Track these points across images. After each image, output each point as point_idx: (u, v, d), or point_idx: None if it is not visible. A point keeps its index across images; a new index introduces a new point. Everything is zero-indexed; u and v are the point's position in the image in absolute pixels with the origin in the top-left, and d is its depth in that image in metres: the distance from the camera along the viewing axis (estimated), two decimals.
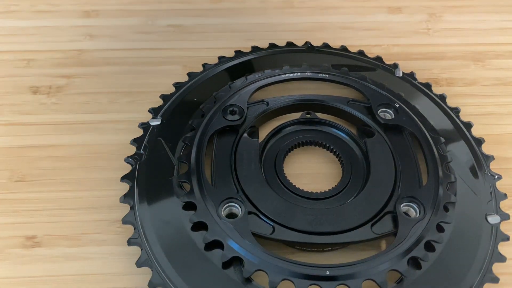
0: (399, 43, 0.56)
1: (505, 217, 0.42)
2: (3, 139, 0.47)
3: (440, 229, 0.39)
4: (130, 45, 0.55)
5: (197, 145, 0.43)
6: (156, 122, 0.46)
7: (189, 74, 0.51)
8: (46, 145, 0.47)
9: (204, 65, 0.51)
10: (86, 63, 0.53)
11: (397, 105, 0.47)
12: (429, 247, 0.39)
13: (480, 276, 0.38)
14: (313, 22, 0.55)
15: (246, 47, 0.53)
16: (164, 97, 0.48)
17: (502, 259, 0.39)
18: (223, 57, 0.52)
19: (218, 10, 0.58)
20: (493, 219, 0.41)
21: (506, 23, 0.58)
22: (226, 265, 0.37)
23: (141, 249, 0.38)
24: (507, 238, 0.41)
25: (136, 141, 0.45)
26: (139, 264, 0.37)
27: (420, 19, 0.59)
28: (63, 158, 0.46)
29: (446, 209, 0.41)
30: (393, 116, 0.46)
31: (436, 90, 0.50)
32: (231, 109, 0.46)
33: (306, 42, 0.54)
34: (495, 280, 0.38)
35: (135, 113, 0.49)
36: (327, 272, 0.36)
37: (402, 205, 0.40)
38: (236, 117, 0.45)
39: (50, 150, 0.47)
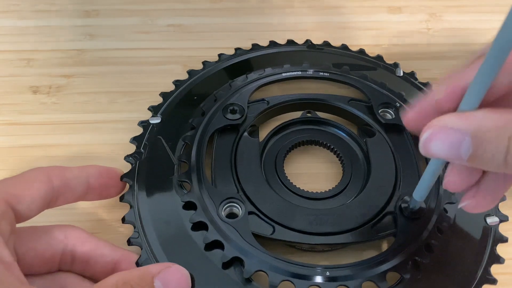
0: (399, 43, 0.56)
1: (504, 218, 0.42)
2: (3, 139, 0.47)
3: (440, 230, 0.39)
4: (130, 45, 0.55)
5: (197, 144, 0.43)
6: (156, 120, 0.46)
7: (189, 72, 0.50)
8: (46, 145, 0.47)
9: (204, 63, 0.51)
10: (86, 63, 0.53)
11: (398, 105, 0.47)
12: (429, 248, 0.38)
13: (479, 277, 0.38)
14: (313, 22, 0.55)
15: (246, 46, 0.53)
16: (164, 95, 0.48)
17: (500, 260, 0.39)
18: (223, 54, 0.52)
19: (218, 10, 0.58)
20: (492, 220, 0.41)
21: None
22: (226, 265, 0.37)
23: (141, 249, 0.38)
24: (506, 240, 0.41)
25: (136, 140, 0.45)
26: (139, 263, 0.37)
27: (420, 19, 0.59)
28: (63, 158, 0.46)
29: (446, 210, 0.41)
30: (394, 116, 0.46)
31: None
32: (231, 108, 0.45)
33: (307, 40, 0.54)
34: (494, 281, 0.38)
35: (135, 112, 0.49)
36: (327, 273, 0.36)
37: (403, 204, 0.40)
38: (237, 116, 0.45)
39: (50, 150, 0.47)
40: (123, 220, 0.40)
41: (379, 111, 0.47)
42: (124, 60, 0.53)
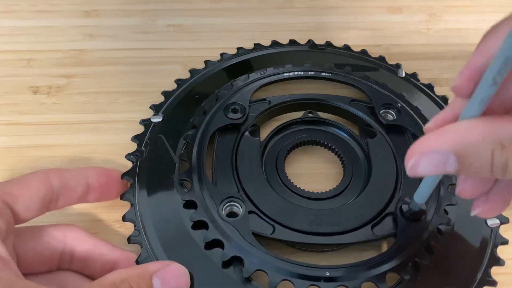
0: (399, 43, 0.56)
1: (504, 220, 0.41)
2: (3, 139, 0.47)
3: (440, 231, 0.39)
4: (130, 45, 0.55)
5: (198, 143, 0.43)
6: (158, 119, 0.46)
7: (191, 71, 0.50)
8: (46, 145, 0.47)
9: (206, 62, 0.51)
10: (86, 63, 0.53)
11: (399, 106, 0.47)
12: (429, 249, 0.38)
13: (479, 279, 0.38)
14: (313, 22, 0.55)
15: (246, 46, 0.53)
16: (166, 94, 0.48)
17: (500, 262, 0.39)
18: (225, 53, 0.52)
19: (218, 10, 0.58)
20: (492, 222, 0.41)
21: None
22: (226, 264, 0.37)
23: (141, 247, 0.38)
24: (506, 242, 0.41)
25: (137, 138, 0.44)
26: (139, 262, 0.37)
27: (420, 19, 0.59)
28: (63, 158, 0.46)
29: (446, 211, 0.40)
30: (395, 117, 0.46)
31: (437, 90, 0.50)
32: (233, 107, 0.45)
33: (309, 41, 0.54)
34: (494, 283, 0.38)
35: (135, 112, 0.49)
36: (327, 273, 0.36)
37: (403, 205, 0.40)
38: (238, 115, 0.45)
39: (50, 150, 0.47)
40: (124, 218, 0.39)
41: (381, 111, 0.46)
42: (124, 60, 0.53)
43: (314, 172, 0.46)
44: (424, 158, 0.28)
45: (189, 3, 0.58)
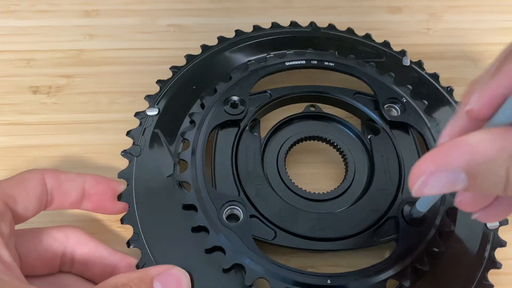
0: (399, 43, 0.55)
1: (503, 222, 0.41)
2: (3, 139, 0.47)
3: (441, 235, 0.39)
4: (130, 45, 0.55)
5: (196, 142, 0.41)
6: (153, 111, 0.44)
7: (187, 57, 0.49)
8: (46, 145, 0.47)
9: (202, 47, 0.50)
10: (86, 63, 0.53)
11: (404, 101, 0.45)
12: (430, 254, 0.38)
13: (477, 281, 0.38)
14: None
15: None
16: (161, 83, 0.47)
17: (498, 265, 0.39)
18: (222, 37, 0.51)
19: (218, 10, 0.58)
20: (491, 224, 0.41)
21: (506, 23, 0.58)
22: (227, 269, 0.37)
23: (141, 251, 0.37)
24: (504, 244, 0.41)
25: (132, 133, 0.43)
26: (139, 266, 0.37)
27: (420, 19, 0.59)
28: (63, 158, 0.46)
29: (447, 215, 0.40)
30: (400, 113, 0.45)
31: None
32: (232, 101, 0.44)
33: (311, 23, 0.53)
34: (490, 287, 0.38)
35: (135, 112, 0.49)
36: (328, 281, 0.36)
37: (405, 211, 0.40)
38: (238, 110, 0.43)
39: (50, 150, 0.47)
40: (122, 221, 0.39)
41: (385, 106, 0.45)
42: (124, 60, 0.53)
43: (315, 171, 0.46)
44: (433, 178, 0.26)
45: (189, 3, 0.58)
